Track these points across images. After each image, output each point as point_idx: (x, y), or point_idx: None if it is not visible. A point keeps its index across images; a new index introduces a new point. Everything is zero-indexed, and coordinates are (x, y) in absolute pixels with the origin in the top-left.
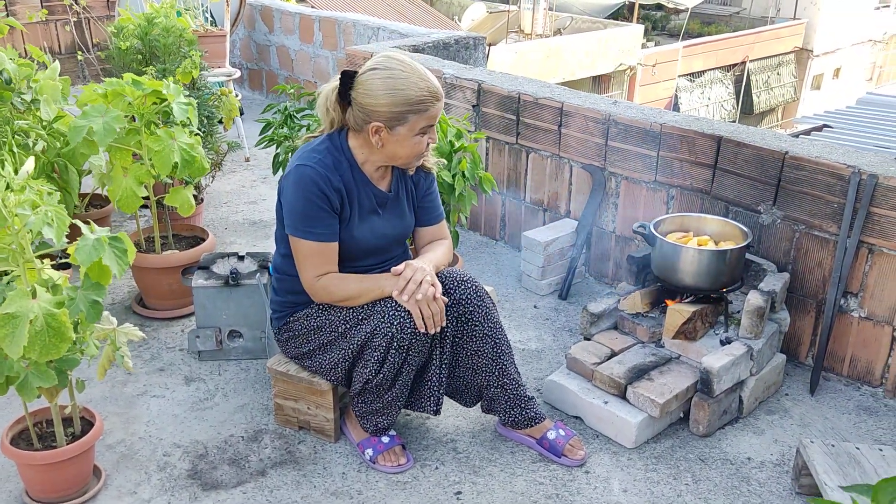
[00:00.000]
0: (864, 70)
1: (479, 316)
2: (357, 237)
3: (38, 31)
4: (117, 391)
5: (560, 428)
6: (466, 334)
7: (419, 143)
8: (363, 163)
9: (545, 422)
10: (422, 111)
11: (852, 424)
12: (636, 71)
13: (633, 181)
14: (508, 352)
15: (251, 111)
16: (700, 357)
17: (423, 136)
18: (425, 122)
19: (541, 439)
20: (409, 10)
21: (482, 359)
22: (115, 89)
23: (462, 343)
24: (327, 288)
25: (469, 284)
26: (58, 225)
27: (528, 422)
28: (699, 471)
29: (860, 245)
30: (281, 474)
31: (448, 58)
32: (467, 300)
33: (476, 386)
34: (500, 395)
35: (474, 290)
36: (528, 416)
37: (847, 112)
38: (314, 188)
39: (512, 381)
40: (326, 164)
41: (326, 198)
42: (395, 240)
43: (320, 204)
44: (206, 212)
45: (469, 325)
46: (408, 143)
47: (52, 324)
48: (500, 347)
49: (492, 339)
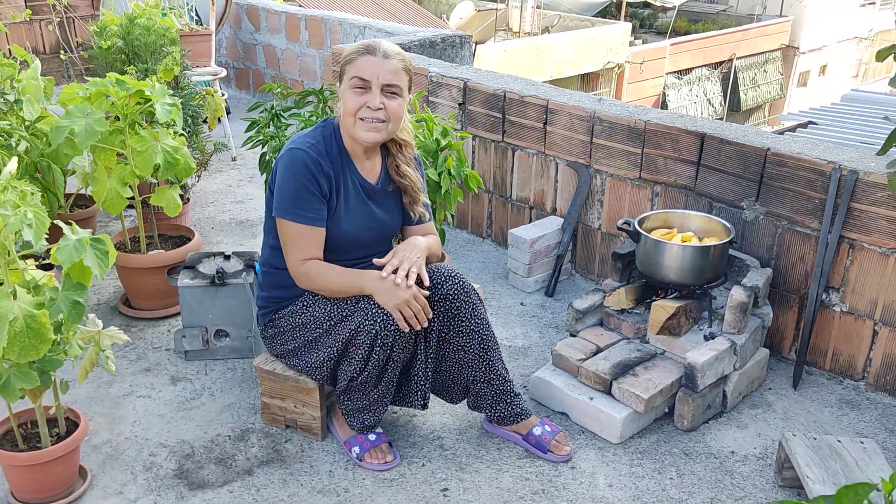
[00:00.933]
0: (851, 67)
1: (466, 312)
2: (343, 227)
3: (21, 31)
4: (103, 391)
5: (546, 424)
6: (453, 330)
7: (355, 99)
8: (351, 150)
9: (531, 418)
10: (352, 61)
11: (834, 418)
12: (624, 69)
13: (618, 178)
14: (495, 347)
15: (238, 110)
16: (684, 352)
17: (358, 92)
18: (353, 73)
19: (527, 435)
20: (397, 8)
21: (468, 354)
22: (99, 89)
23: (448, 339)
24: (309, 274)
25: (456, 280)
26: (37, 226)
27: (514, 418)
28: (683, 465)
29: (841, 240)
30: (268, 473)
31: (434, 56)
32: (454, 296)
33: (462, 382)
34: (487, 390)
35: (461, 286)
36: (514, 413)
37: (832, 109)
38: (305, 171)
39: (498, 376)
40: (318, 150)
41: (316, 181)
42: (381, 235)
43: (310, 187)
44: (193, 211)
45: (455, 320)
46: (346, 99)
47: (31, 325)
48: (486, 343)
49: (478, 335)
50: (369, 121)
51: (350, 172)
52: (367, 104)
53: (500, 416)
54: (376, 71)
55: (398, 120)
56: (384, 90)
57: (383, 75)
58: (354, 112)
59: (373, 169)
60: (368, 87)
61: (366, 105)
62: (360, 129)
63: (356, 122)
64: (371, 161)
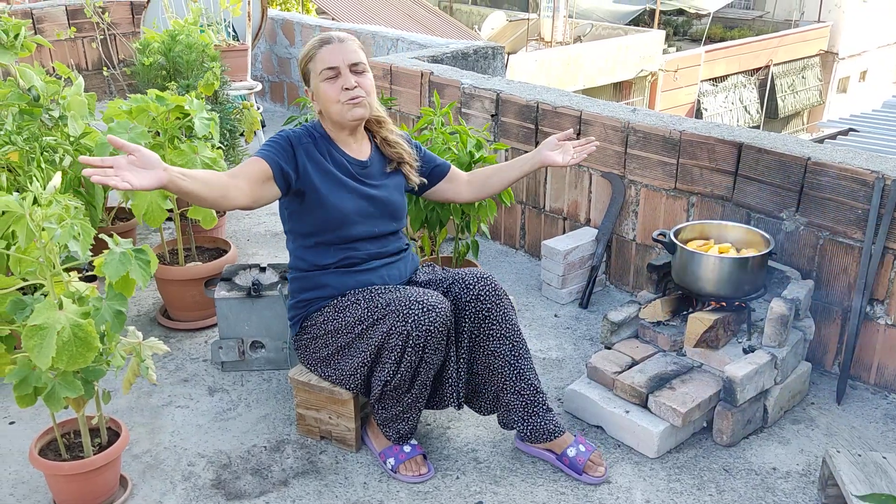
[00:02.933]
0: (891, 73)
1: (497, 315)
2: (339, 203)
3: (65, 48)
4: (143, 402)
5: (580, 443)
6: (483, 333)
7: (332, 88)
8: (336, 138)
9: (564, 436)
10: (313, 58)
11: (879, 433)
12: (658, 77)
13: (653, 189)
14: (526, 356)
15: (273, 123)
16: (722, 366)
17: (331, 81)
18: (322, 66)
19: (561, 455)
20: (429, 20)
21: (499, 360)
22: (140, 105)
23: (479, 342)
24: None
25: (488, 282)
26: (83, 238)
27: (546, 435)
28: (723, 481)
29: (885, 251)
30: (303, 484)
31: (467, 68)
32: (485, 297)
33: (492, 389)
34: (517, 401)
35: (492, 289)
36: (547, 429)
37: (873, 115)
38: (284, 136)
39: (529, 386)
40: (301, 132)
41: (290, 144)
42: (384, 213)
43: (283, 144)
44: (229, 223)
45: (486, 322)
46: (323, 92)
47: (78, 334)
48: (517, 350)
49: (509, 342)
50: (352, 99)
51: (336, 151)
52: (343, 87)
53: (531, 432)
54: (340, 55)
55: (373, 92)
56: (352, 70)
57: (347, 56)
58: (336, 98)
59: (361, 150)
60: (338, 72)
61: (343, 88)
62: (346, 110)
63: (342, 107)
64: (358, 143)
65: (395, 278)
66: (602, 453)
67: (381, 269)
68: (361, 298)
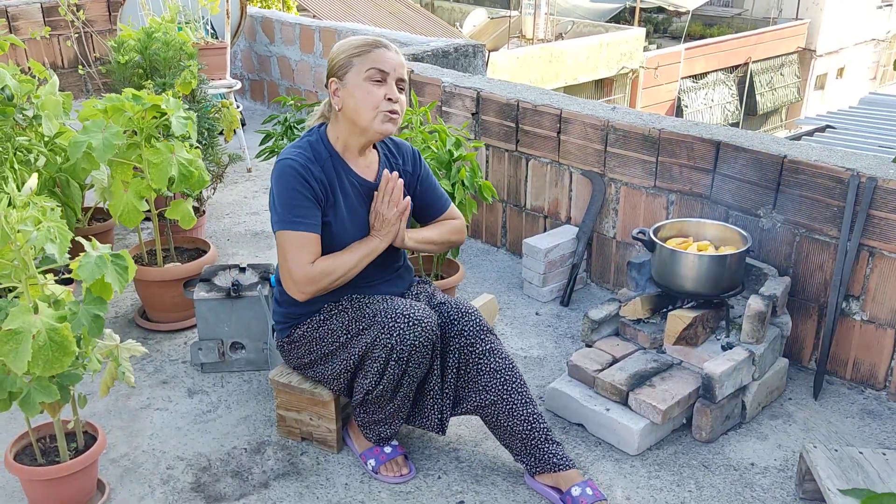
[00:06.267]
0: (868, 69)
1: (482, 349)
2: (348, 228)
3: (40, 47)
4: (120, 404)
5: (589, 486)
6: (471, 368)
7: (372, 93)
8: (343, 151)
9: (570, 472)
10: (364, 53)
11: (856, 428)
12: (639, 74)
13: (633, 187)
14: (521, 390)
15: (253, 122)
16: (702, 363)
17: (376, 85)
18: (370, 65)
19: (564, 494)
20: (410, 17)
21: (490, 394)
22: (115, 104)
23: (468, 380)
24: (326, 269)
25: (473, 317)
26: (60, 241)
27: (549, 466)
28: (702, 477)
29: (861, 248)
30: (284, 486)
31: (447, 66)
32: (469, 331)
33: (488, 419)
34: (513, 440)
35: (478, 323)
36: (551, 462)
37: (849, 112)
38: (297, 178)
39: (523, 422)
40: (306, 157)
41: (309, 186)
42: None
43: (304, 193)
44: (208, 223)
45: (472, 356)
46: (360, 91)
47: (54, 338)
48: (510, 385)
49: (500, 376)
50: (388, 112)
51: (345, 173)
52: (387, 96)
53: (530, 465)
54: (393, 64)
55: (404, 114)
56: (397, 84)
57: (398, 69)
58: (376, 105)
59: (369, 166)
60: (385, 78)
61: (386, 97)
62: (380, 120)
63: (377, 115)
64: (366, 158)
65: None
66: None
67: (380, 286)
68: (349, 307)
